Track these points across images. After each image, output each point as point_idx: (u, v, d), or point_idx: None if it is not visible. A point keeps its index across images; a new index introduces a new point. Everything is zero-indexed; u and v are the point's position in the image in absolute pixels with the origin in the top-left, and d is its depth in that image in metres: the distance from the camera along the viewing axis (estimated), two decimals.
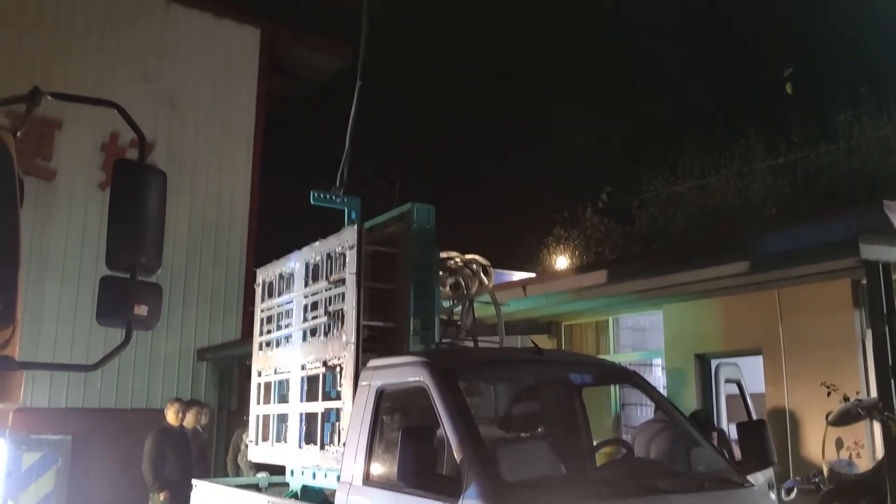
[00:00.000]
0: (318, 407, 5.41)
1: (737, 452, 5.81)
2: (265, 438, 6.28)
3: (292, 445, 5.74)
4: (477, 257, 5.93)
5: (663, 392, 8.63)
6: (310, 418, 5.56)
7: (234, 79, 15.22)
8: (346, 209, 6.64)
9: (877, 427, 6.98)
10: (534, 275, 12.31)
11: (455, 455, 3.81)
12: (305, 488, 5.72)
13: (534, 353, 4.78)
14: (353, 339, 5.09)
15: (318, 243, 5.80)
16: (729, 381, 8.23)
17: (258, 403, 6.50)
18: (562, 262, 19.40)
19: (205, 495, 6.39)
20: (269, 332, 6.49)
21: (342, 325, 5.25)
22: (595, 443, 5.52)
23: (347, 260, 5.30)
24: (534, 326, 10.44)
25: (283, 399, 6.08)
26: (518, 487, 3.73)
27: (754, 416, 7.78)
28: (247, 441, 7.42)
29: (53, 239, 12.64)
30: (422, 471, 3.66)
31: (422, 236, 5.46)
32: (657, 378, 10.98)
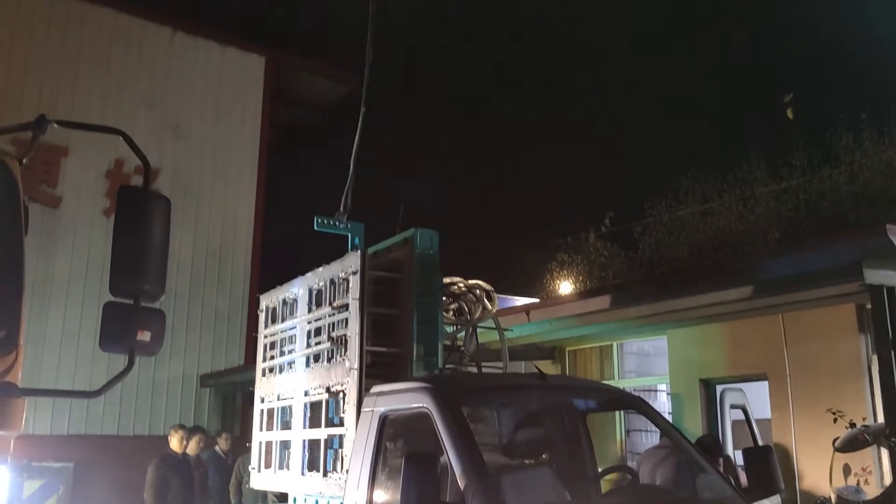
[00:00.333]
0: (321, 433, 5.38)
1: (743, 479, 5.75)
2: (268, 465, 6.24)
3: (295, 472, 5.70)
4: (480, 282, 5.92)
5: (668, 418, 8.57)
6: (313, 445, 5.53)
7: (238, 106, 15.36)
8: (349, 235, 6.64)
9: (884, 453, 6.92)
10: (537, 300, 12.28)
11: (459, 482, 3.78)
12: None
13: (538, 379, 4.76)
14: (356, 365, 5.07)
15: (321, 269, 5.80)
16: (734, 406, 8.16)
17: (261, 430, 6.46)
18: (565, 287, 19.38)
19: None
20: (272, 357, 6.47)
21: (345, 351, 5.24)
22: (600, 469, 5.47)
23: (351, 285, 5.30)
24: (538, 352, 10.40)
25: (286, 425, 6.05)
26: None
27: (760, 442, 7.70)
28: (249, 468, 7.37)
29: (57, 265, 12.68)
30: (425, 498, 3.63)
31: (425, 261, 5.46)
32: (662, 403, 10.91)
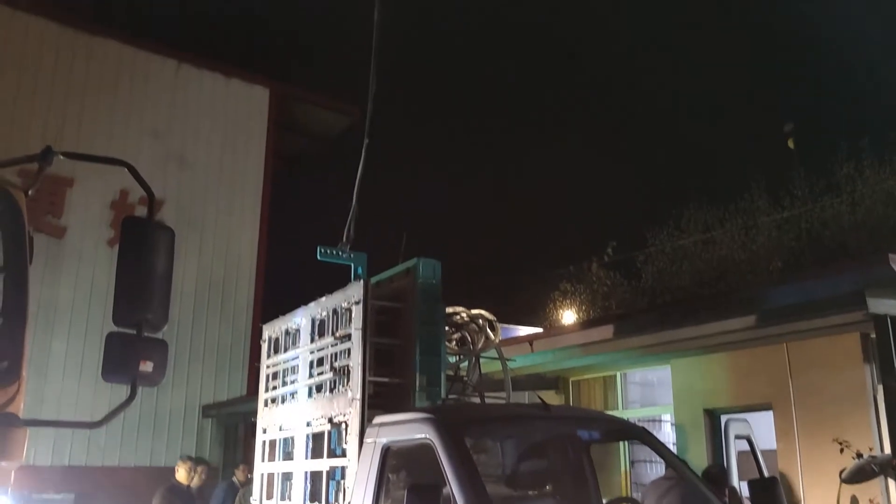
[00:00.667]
0: (324, 465, 5.35)
1: None
2: (269, 497, 6.19)
3: None
4: (483, 312, 5.92)
5: (673, 448, 8.50)
6: (315, 476, 5.49)
7: (243, 137, 15.48)
8: (352, 264, 6.66)
9: (892, 484, 6.86)
10: (540, 330, 12.27)
11: None
12: None
13: (541, 410, 4.74)
14: (358, 395, 5.05)
15: (324, 299, 5.80)
16: (739, 437, 8.10)
17: (263, 461, 6.42)
18: (568, 316, 19.35)
19: None
20: (274, 388, 6.45)
21: (348, 381, 5.22)
22: (604, 501, 5.42)
23: (353, 315, 5.30)
24: (541, 382, 10.36)
25: (288, 456, 6.01)
26: None
27: (766, 473, 7.63)
28: (251, 500, 7.32)
29: (61, 296, 12.69)
30: None
31: (428, 291, 5.46)
32: (666, 434, 10.82)
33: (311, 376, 5.81)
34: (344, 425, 5.18)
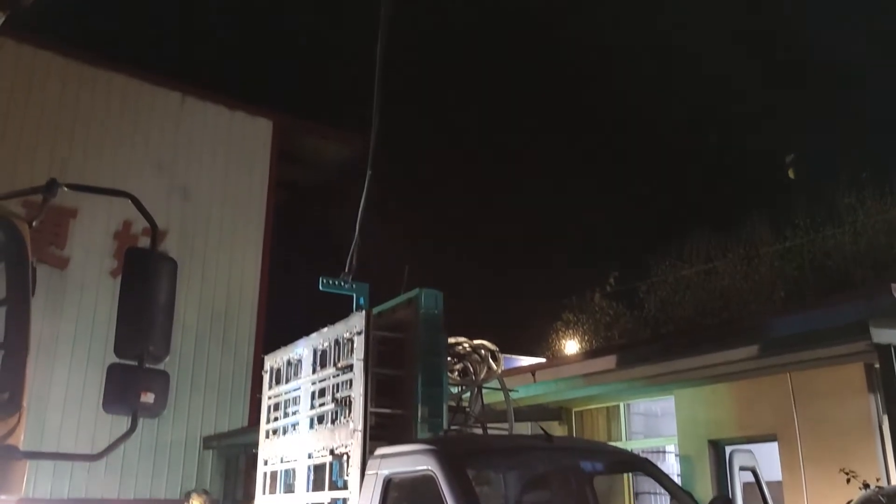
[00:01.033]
0: (325, 497, 5.30)
1: None
2: None
3: None
4: (485, 343, 5.91)
5: (677, 480, 8.43)
6: None
7: (246, 168, 15.58)
8: (354, 295, 6.66)
9: None
10: (543, 360, 12.22)
11: None
12: None
13: (544, 441, 4.71)
14: (360, 427, 5.03)
15: (326, 329, 5.80)
16: (743, 468, 8.02)
17: (264, 493, 6.37)
18: (571, 346, 19.29)
19: None
20: (276, 419, 6.42)
21: (349, 412, 5.20)
22: None
23: (355, 346, 5.29)
24: (544, 413, 10.29)
25: (290, 489, 5.96)
26: None
27: None
28: None
29: (63, 327, 12.70)
30: None
31: (430, 322, 5.45)
32: (670, 465, 10.73)
33: (312, 407, 5.78)
34: (345, 457, 5.14)
